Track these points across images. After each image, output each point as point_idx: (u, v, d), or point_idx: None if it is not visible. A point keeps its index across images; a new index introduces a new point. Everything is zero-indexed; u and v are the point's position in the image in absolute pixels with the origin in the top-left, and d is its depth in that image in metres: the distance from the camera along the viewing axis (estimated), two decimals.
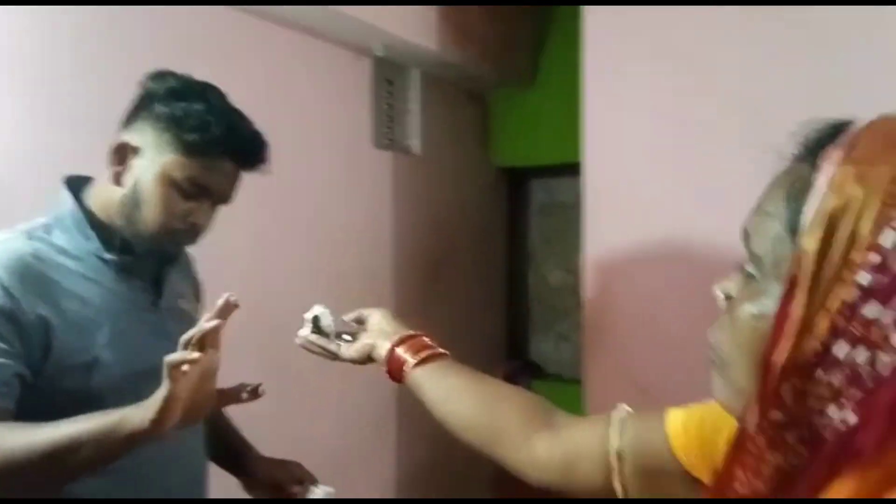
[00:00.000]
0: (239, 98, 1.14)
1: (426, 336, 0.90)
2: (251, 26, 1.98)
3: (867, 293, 0.40)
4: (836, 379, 0.42)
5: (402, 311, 1.58)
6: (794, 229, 0.44)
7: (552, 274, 3.63)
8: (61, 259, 1.02)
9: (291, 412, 2.03)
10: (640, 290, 1.81)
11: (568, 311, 3.55)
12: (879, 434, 0.40)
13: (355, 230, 2.42)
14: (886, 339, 0.40)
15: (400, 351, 0.87)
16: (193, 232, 1.09)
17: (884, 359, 0.40)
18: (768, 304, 0.45)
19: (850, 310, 0.41)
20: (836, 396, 0.42)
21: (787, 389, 0.43)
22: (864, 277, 0.41)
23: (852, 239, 0.41)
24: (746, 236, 0.50)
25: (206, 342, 0.85)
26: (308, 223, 2.23)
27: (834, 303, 0.41)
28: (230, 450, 1.33)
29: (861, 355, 0.41)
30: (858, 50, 1.49)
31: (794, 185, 0.46)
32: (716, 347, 0.51)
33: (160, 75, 1.09)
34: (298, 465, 1.29)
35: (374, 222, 2.45)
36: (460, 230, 3.27)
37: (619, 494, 0.71)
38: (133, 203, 1.04)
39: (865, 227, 0.40)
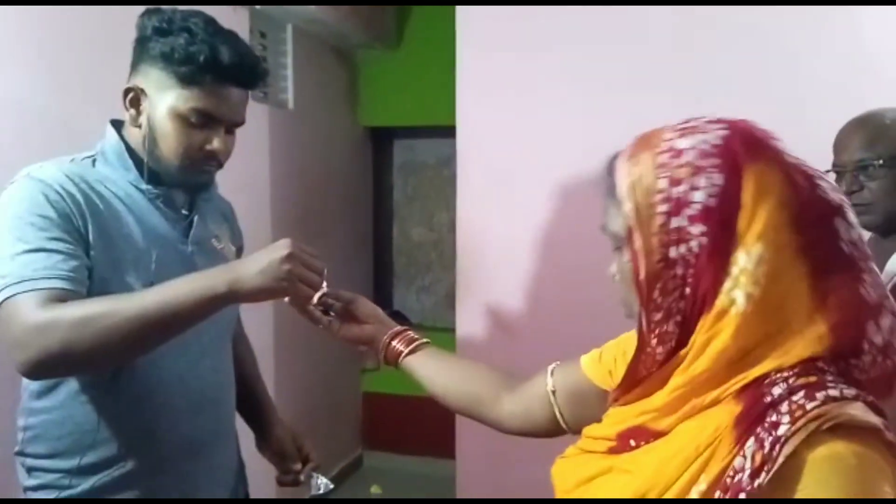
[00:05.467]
0: (118, 43, 1.14)
1: (411, 330, 1.10)
2: None
3: (667, 213, 0.64)
4: (679, 270, 0.64)
5: None
6: (619, 207, 0.68)
7: (414, 230, 3.80)
8: (101, 186, 1.08)
9: None
10: (506, 244, 2.00)
11: (429, 265, 3.76)
12: (707, 284, 0.63)
13: (235, 182, 2.41)
14: (689, 233, 0.63)
15: (395, 343, 1.07)
16: (214, 159, 1.12)
17: (693, 244, 0.63)
18: (627, 251, 0.68)
19: (664, 226, 0.64)
20: (683, 280, 0.64)
21: (656, 294, 0.65)
22: (662, 206, 0.64)
23: (645, 192, 0.65)
24: (604, 227, 0.73)
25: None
26: None
27: (655, 227, 0.65)
28: (252, 405, 1.37)
29: (682, 249, 0.64)
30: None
31: (610, 187, 0.70)
32: (621, 293, 0.75)
33: (146, 14, 1.10)
34: (310, 447, 1.31)
35: (253, 175, 2.46)
36: (330, 186, 3.34)
37: (560, 422, 0.96)
38: (152, 141, 1.09)
39: (650, 183, 0.65)
